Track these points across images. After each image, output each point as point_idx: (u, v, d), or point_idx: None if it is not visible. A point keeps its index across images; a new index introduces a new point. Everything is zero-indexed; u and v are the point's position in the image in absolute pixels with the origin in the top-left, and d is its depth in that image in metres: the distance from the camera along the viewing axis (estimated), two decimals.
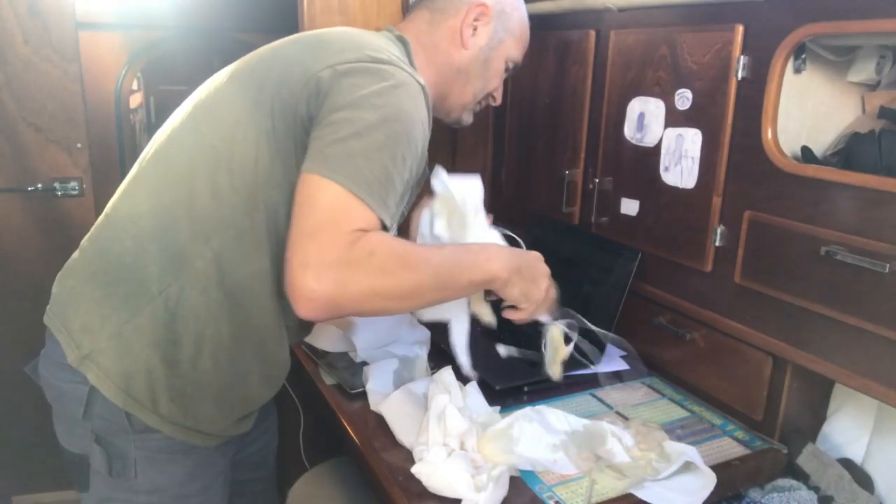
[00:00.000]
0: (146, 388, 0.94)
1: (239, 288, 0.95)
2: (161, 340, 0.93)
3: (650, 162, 1.33)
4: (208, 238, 0.93)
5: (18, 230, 1.82)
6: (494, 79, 1.23)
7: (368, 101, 0.88)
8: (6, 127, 1.74)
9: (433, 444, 1.03)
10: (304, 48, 1.00)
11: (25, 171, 1.78)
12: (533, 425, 1.09)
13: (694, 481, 1.01)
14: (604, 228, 1.48)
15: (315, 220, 0.83)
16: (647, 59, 1.31)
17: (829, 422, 1.21)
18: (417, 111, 0.93)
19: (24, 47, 1.70)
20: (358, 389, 1.28)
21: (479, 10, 1.16)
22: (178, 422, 0.97)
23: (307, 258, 0.81)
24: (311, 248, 0.81)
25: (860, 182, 0.97)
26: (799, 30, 1.03)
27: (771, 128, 1.10)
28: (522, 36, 1.26)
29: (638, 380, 1.37)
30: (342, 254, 0.81)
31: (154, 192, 0.97)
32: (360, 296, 0.83)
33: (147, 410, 0.95)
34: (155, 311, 0.93)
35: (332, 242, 0.81)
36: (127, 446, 0.97)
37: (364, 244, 0.82)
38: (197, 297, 0.93)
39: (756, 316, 1.16)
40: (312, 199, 0.84)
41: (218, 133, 0.95)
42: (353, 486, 1.46)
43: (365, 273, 0.82)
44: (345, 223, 0.83)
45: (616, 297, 1.40)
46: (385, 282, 0.84)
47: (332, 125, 0.87)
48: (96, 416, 0.97)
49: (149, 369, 0.94)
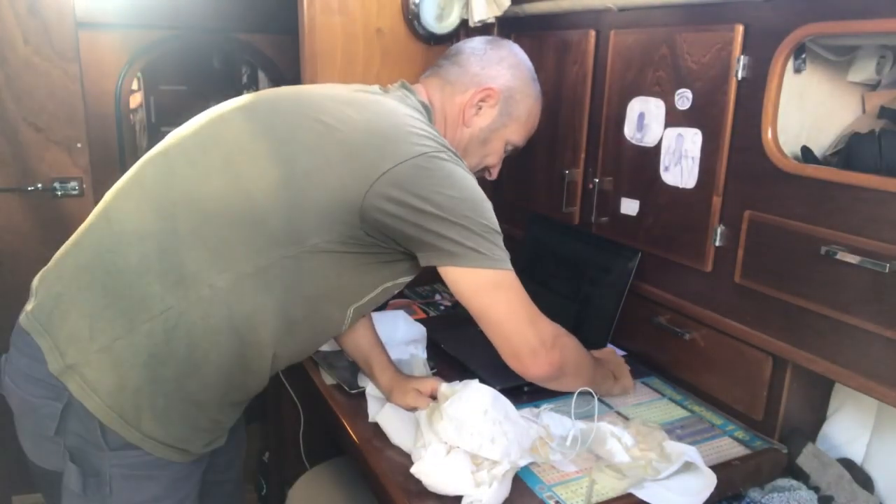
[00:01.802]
0: (132, 406, 0.94)
1: (241, 320, 0.96)
2: (152, 360, 0.93)
3: (650, 162, 1.33)
4: (222, 270, 0.94)
5: (18, 230, 1.82)
6: (491, 157, 1.28)
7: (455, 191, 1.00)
8: (6, 127, 1.74)
9: (431, 444, 1.03)
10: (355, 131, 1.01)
11: (25, 171, 1.78)
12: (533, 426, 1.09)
13: (694, 481, 1.01)
14: (604, 228, 1.47)
15: (523, 307, 1.07)
16: (647, 59, 1.31)
17: (829, 422, 1.21)
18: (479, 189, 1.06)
19: (25, 47, 1.70)
20: (357, 389, 1.28)
21: (486, 94, 1.21)
22: (159, 439, 0.97)
23: (538, 340, 1.07)
24: (537, 331, 1.07)
25: (860, 182, 0.97)
26: (799, 30, 1.03)
27: (771, 128, 1.10)
28: (528, 122, 1.29)
29: (638, 380, 1.38)
30: (553, 333, 1.11)
31: (169, 215, 0.96)
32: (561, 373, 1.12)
33: (130, 427, 0.94)
34: (152, 331, 0.93)
35: (545, 325, 1.10)
36: (101, 463, 0.96)
37: (568, 340, 1.15)
38: (197, 322, 0.94)
39: (756, 316, 1.16)
40: (496, 290, 1.04)
41: (258, 185, 0.97)
42: (353, 486, 1.46)
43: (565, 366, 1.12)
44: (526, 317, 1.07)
45: (616, 297, 1.40)
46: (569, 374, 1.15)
47: (435, 230, 0.98)
48: (70, 432, 0.95)
49: (136, 387, 0.93)
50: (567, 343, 1.14)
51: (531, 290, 1.13)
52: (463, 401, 1.04)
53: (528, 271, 1.56)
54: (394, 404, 1.19)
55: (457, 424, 1.00)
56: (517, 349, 1.07)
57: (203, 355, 0.95)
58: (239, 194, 0.97)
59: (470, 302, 1.05)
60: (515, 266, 1.08)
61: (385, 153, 0.98)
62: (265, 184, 0.96)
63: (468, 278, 1.02)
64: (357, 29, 1.63)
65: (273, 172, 0.97)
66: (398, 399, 1.20)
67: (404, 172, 0.97)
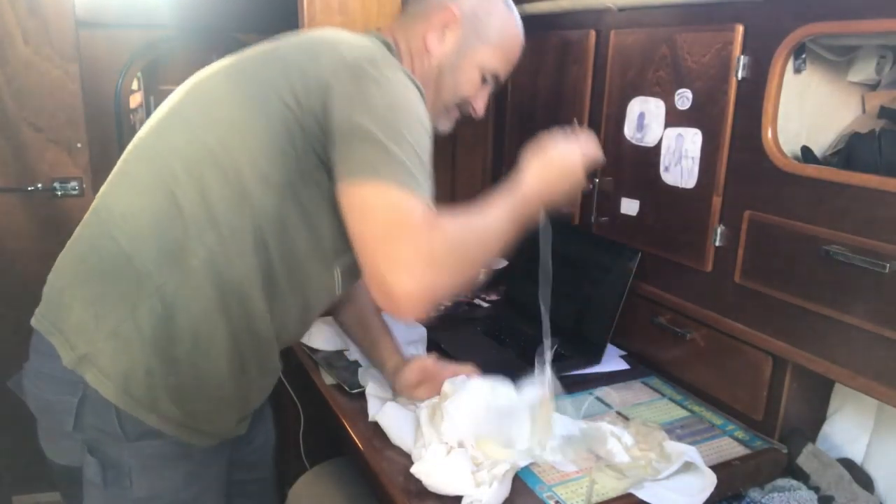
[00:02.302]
0: (146, 388, 0.94)
1: (231, 287, 0.95)
2: (159, 339, 0.93)
3: (650, 162, 1.33)
4: (202, 236, 0.93)
5: (18, 230, 1.82)
6: (465, 87, 1.17)
7: (376, 98, 0.91)
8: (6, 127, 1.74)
9: (430, 444, 1.03)
10: (299, 50, 1.00)
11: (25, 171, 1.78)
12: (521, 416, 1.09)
13: (694, 482, 1.01)
14: (604, 228, 1.47)
15: (382, 224, 0.85)
16: (647, 59, 1.31)
17: (829, 422, 1.21)
18: (417, 96, 0.97)
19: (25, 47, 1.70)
20: (357, 389, 1.28)
21: (446, 17, 1.13)
22: (178, 421, 0.97)
23: (394, 261, 0.83)
24: (392, 250, 0.84)
25: (860, 182, 0.97)
26: (799, 30, 1.03)
27: (771, 128, 1.10)
28: (503, 44, 1.18)
29: (638, 380, 1.38)
30: (423, 246, 0.84)
31: (146, 190, 0.96)
32: (451, 280, 0.88)
33: (146, 410, 0.94)
34: (152, 309, 0.93)
35: (410, 240, 0.84)
36: (120, 455, 0.96)
37: (439, 235, 0.86)
38: (192, 295, 0.93)
39: (756, 316, 1.16)
40: (366, 204, 0.87)
41: (213, 132, 0.95)
42: (353, 486, 1.46)
43: (449, 264, 0.87)
44: (410, 218, 0.85)
45: (616, 297, 1.40)
46: (467, 256, 0.91)
47: (350, 131, 0.90)
48: (87, 426, 0.96)
49: (147, 368, 0.93)
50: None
51: (531, 291, 1.13)
52: (463, 398, 1.04)
53: (529, 271, 1.56)
54: (394, 403, 1.19)
55: (458, 423, 1.01)
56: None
57: (206, 328, 0.95)
58: (203, 149, 0.96)
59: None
60: (516, 266, 1.07)
61: (317, 59, 0.95)
62: (226, 133, 0.95)
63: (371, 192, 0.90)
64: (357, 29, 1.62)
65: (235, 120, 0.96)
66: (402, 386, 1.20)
67: (335, 76, 0.93)
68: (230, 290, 0.95)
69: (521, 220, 1.01)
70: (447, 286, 0.88)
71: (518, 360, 1.38)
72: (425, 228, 0.85)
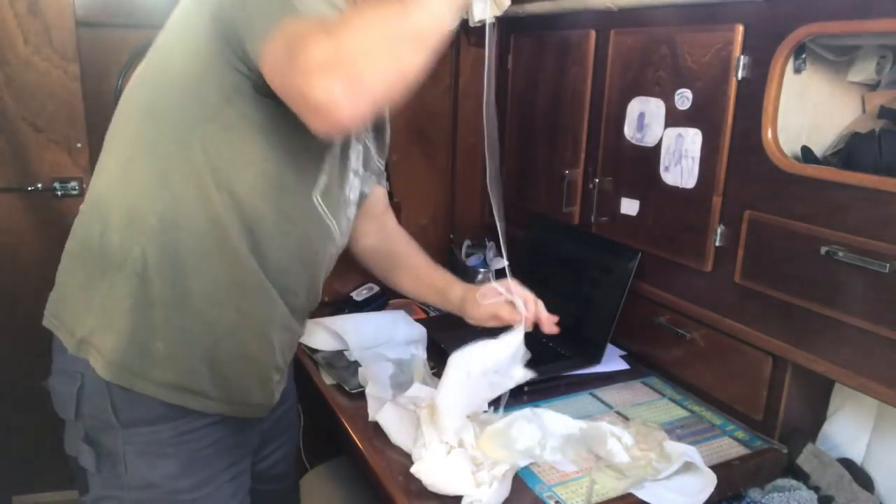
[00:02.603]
0: (133, 356, 0.94)
1: (199, 237, 0.93)
2: (140, 304, 0.93)
3: (650, 162, 1.33)
4: (153, 197, 0.92)
5: (18, 230, 1.81)
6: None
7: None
8: (6, 127, 1.74)
9: (431, 443, 1.03)
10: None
11: (25, 171, 1.77)
12: (532, 426, 1.09)
13: (694, 482, 1.01)
14: (604, 228, 1.48)
15: (284, 52, 0.77)
16: (647, 59, 1.31)
17: (829, 422, 1.21)
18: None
19: (25, 47, 1.70)
20: (357, 389, 1.28)
21: None
22: (173, 384, 0.96)
23: (305, 73, 0.73)
24: (299, 65, 0.74)
25: (860, 182, 0.97)
26: (799, 30, 1.03)
27: (771, 128, 1.10)
28: None
29: (638, 380, 1.38)
30: (329, 44, 0.74)
31: (108, 161, 0.97)
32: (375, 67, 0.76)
33: (137, 377, 0.94)
34: (127, 278, 0.93)
35: (312, 45, 0.74)
36: (115, 442, 0.97)
37: (342, 29, 0.76)
38: (160, 256, 0.92)
39: (756, 316, 1.16)
40: (270, 55, 0.79)
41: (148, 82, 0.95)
42: (353, 486, 1.46)
43: (366, 51, 0.75)
44: (304, 29, 0.76)
45: (616, 297, 1.40)
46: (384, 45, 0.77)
47: (231, 7, 0.84)
48: (86, 414, 0.97)
49: (130, 336, 0.94)
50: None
51: (531, 290, 1.13)
52: (446, 383, 1.04)
53: (529, 271, 1.56)
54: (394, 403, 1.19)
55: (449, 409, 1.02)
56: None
57: (180, 288, 0.94)
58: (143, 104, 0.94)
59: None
60: (516, 266, 1.08)
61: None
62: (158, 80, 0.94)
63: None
64: None
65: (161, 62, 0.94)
66: (472, 313, 1.19)
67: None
68: (199, 242, 0.93)
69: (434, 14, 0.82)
70: (374, 76, 0.76)
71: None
72: (321, 29, 0.75)
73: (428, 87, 1.82)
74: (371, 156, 1.19)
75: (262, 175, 0.93)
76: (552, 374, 1.34)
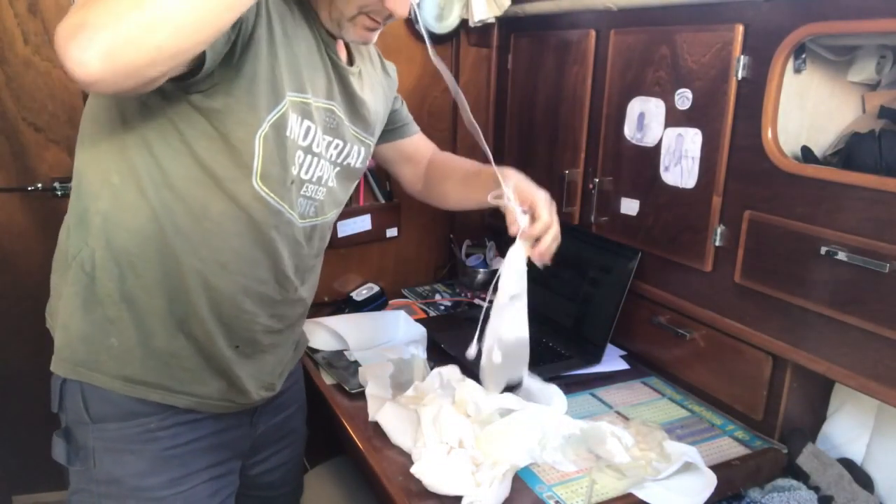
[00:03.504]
0: (91, 352, 0.96)
1: (138, 236, 0.92)
2: (90, 302, 0.95)
3: (650, 162, 1.33)
4: (97, 196, 0.93)
5: (18, 230, 1.81)
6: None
7: None
8: (6, 127, 1.74)
9: (431, 444, 1.03)
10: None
11: (25, 171, 1.77)
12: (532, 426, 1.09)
13: (694, 482, 1.01)
14: (604, 228, 1.48)
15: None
16: (647, 59, 1.31)
17: (829, 422, 1.21)
18: None
19: (24, 47, 1.70)
20: (357, 389, 1.28)
21: None
22: (130, 377, 0.96)
23: (57, 44, 0.68)
24: (57, 37, 0.68)
25: (860, 182, 0.97)
26: (799, 30, 1.03)
27: (771, 128, 1.10)
28: None
29: (638, 380, 1.38)
30: (73, 16, 0.68)
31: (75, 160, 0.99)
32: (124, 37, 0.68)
33: (94, 373, 0.96)
34: (77, 276, 0.95)
35: (66, 17, 0.68)
36: (86, 436, 0.98)
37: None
38: (106, 254, 0.93)
39: (756, 316, 1.16)
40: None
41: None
42: (353, 486, 1.46)
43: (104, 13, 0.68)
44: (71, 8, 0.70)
45: (616, 297, 1.40)
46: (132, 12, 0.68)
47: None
48: (67, 408, 0.99)
49: (83, 334, 0.96)
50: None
51: (532, 291, 1.13)
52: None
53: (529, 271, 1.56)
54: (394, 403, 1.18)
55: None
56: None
57: (130, 284, 0.94)
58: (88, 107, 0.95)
59: None
60: None
61: None
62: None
63: None
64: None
65: None
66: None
67: None
68: (138, 241, 0.92)
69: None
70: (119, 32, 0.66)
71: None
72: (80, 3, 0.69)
73: (428, 86, 1.82)
74: (344, 124, 1.08)
75: (196, 166, 0.91)
76: (552, 374, 1.34)
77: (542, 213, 1.09)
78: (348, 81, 1.06)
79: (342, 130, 1.07)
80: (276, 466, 1.24)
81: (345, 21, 0.97)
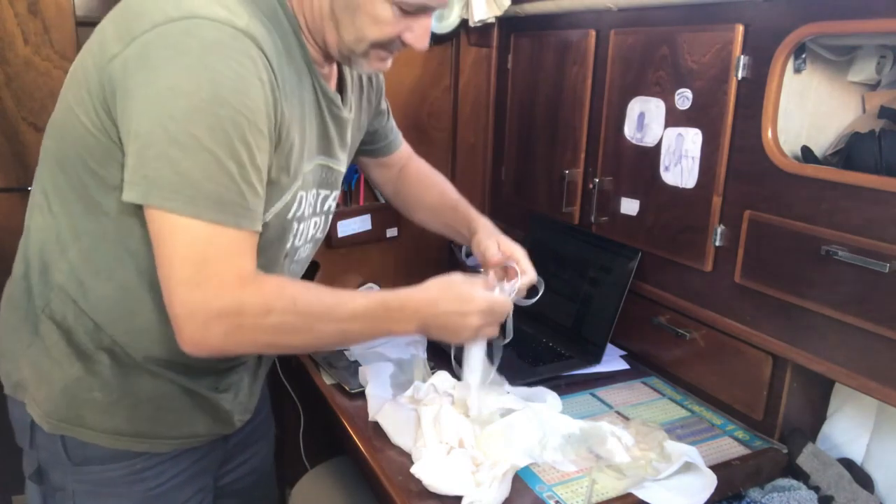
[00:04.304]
0: (75, 407, 0.90)
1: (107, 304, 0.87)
2: (68, 356, 0.89)
3: (650, 162, 1.33)
4: (65, 248, 0.87)
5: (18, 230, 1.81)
6: (375, 28, 0.88)
7: (174, 89, 0.72)
8: (6, 127, 1.73)
9: (431, 444, 1.03)
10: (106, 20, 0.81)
11: (25, 171, 1.77)
12: (532, 426, 1.09)
13: (694, 482, 1.01)
14: (604, 228, 1.47)
15: (184, 263, 0.74)
16: (647, 59, 1.31)
17: (829, 422, 1.21)
18: (241, 72, 0.74)
19: (24, 47, 1.70)
20: (357, 389, 1.28)
21: None
22: (118, 430, 0.91)
23: (191, 308, 0.74)
24: (192, 297, 0.73)
25: (860, 182, 0.97)
26: (799, 30, 1.03)
27: (771, 128, 1.10)
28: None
29: (638, 379, 1.38)
30: (230, 303, 0.74)
31: (36, 187, 0.93)
32: (253, 348, 0.83)
33: (77, 427, 0.90)
34: (48, 329, 0.89)
35: (214, 291, 0.73)
36: (65, 479, 0.93)
37: (258, 297, 0.75)
38: (75, 310, 0.88)
39: (756, 316, 1.16)
40: (164, 236, 0.74)
41: (51, 131, 0.88)
42: (353, 486, 1.46)
43: (260, 331, 0.77)
44: (219, 262, 0.74)
45: (616, 297, 1.40)
46: (281, 340, 0.81)
47: (141, 136, 0.73)
48: (40, 447, 0.93)
49: (62, 387, 0.89)
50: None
51: (530, 289, 1.13)
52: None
53: None
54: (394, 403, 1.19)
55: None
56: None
57: (106, 337, 0.88)
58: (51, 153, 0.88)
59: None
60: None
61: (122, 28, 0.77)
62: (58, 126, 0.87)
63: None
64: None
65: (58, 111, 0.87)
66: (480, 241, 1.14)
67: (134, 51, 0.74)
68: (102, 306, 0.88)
69: (383, 328, 0.90)
70: (243, 350, 0.80)
71: (518, 360, 1.38)
72: (237, 281, 0.74)
73: (428, 87, 1.82)
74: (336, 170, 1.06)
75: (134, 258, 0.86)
76: (552, 374, 1.34)
77: (527, 268, 1.11)
78: (340, 118, 1.02)
79: (334, 178, 1.05)
80: (246, 474, 1.22)
81: (356, 57, 0.92)
